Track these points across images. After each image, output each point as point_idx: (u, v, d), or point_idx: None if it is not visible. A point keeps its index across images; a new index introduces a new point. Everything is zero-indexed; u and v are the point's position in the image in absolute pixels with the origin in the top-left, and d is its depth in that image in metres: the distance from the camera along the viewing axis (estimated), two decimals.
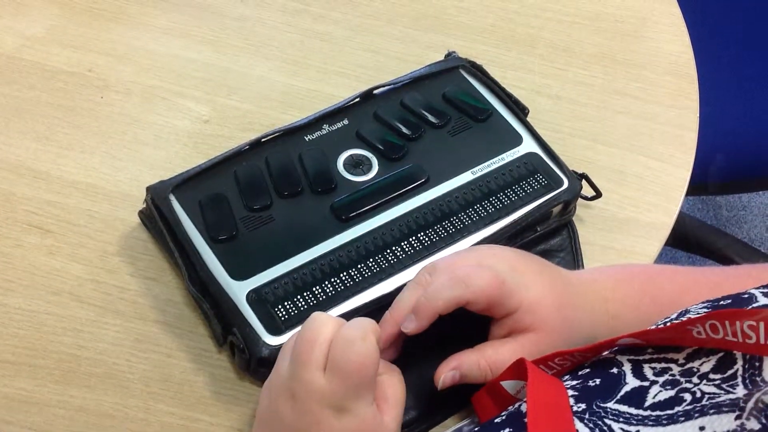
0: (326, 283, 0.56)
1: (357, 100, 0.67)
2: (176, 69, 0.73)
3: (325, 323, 0.47)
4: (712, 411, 0.36)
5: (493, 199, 0.61)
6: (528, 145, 0.65)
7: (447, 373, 0.51)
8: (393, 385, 0.49)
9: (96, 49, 0.74)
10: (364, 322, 0.46)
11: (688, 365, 0.41)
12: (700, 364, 0.40)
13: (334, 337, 0.46)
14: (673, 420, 0.37)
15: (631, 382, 0.41)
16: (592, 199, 0.65)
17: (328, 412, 0.45)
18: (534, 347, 0.50)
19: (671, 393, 0.39)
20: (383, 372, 0.50)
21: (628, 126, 0.72)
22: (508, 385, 0.49)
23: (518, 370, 0.47)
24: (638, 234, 0.65)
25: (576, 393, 0.43)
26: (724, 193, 1.55)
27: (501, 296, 0.50)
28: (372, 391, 0.46)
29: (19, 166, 0.65)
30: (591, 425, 0.39)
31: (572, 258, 0.63)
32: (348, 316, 0.55)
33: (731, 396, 0.36)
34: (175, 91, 0.71)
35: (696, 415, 0.36)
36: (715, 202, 1.64)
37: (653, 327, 0.44)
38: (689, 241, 1.36)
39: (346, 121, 0.65)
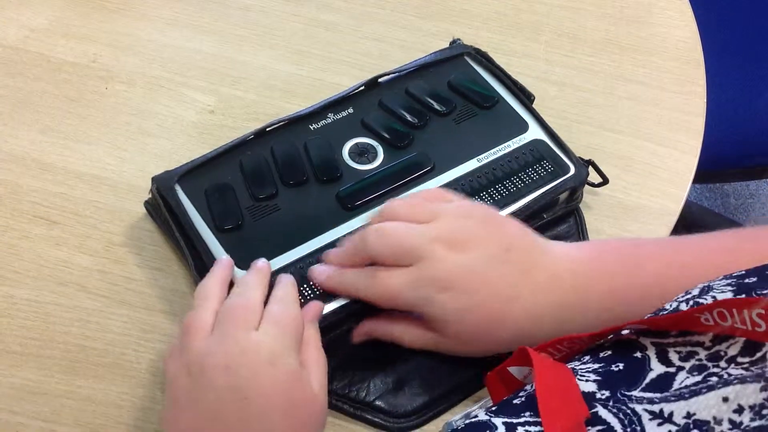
0: None
1: (362, 88, 0.66)
2: (180, 59, 0.73)
3: (253, 288, 0.51)
4: (735, 381, 0.35)
5: (500, 187, 0.61)
6: (534, 132, 0.64)
7: (358, 336, 0.56)
8: (308, 351, 0.51)
9: (100, 40, 0.74)
10: (292, 293, 0.52)
11: (715, 348, 0.40)
12: (728, 347, 0.39)
13: (272, 301, 0.51)
14: (695, 393, 0.37)
15: (657, 368, 0.41)
16: (599, 185, 0.65)
17: (265, 361, 0.47)
18: (434, 346, 0.53)
19: (698, 378, 0.38)
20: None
21: (634, 112, 0.72)
22: (514, 370, 0.49)
23: (522, 357, 0.47)
24: (645, 220, 0.65)
25: (599, 378, 0.42)
26: (732, 180, 1.54)
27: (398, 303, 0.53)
28: (298, 349, 0.49)
29: (25, 157, 0.65)
30: (615, 410, 0.39)
31: None
32: (354, 302, 0.55)
33: (758, 372, 0.36)
34: (179, 81, 0.71)
35: (719, 386, 0.36)
36: (722, 191, 1.64)
37: (668, 310, 0.43)
38: (696, 229, 1.35)
39: (351, 110, 0.65)
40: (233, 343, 0.47)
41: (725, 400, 0.35)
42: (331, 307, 0.54)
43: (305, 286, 0.55)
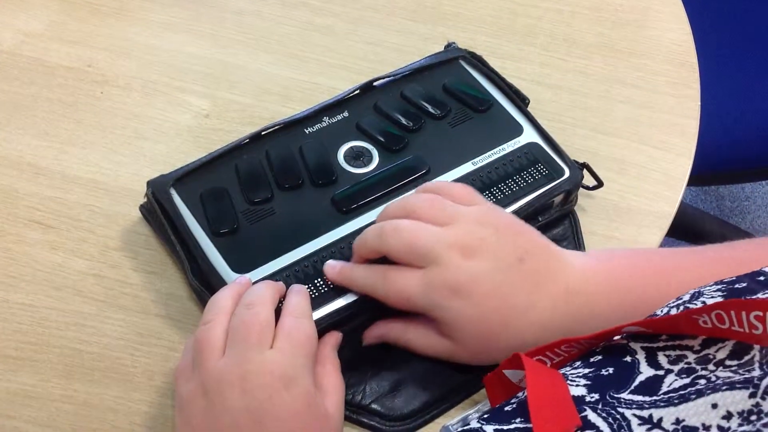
0: None
1: (357, 92, 0.67)
2: (176, 63, 0.73)
3: (263, 301, 0.50)
4: (724, 388, 0.36)
5: (494, 190, 0.61)
6: (529, 135, 0.65)
7: (369, 339, 0.56)
8: (328, 375, 0.51)
9: (95, 44, 0.74)
10: (306, 307, 0.52)
11: (704, 352, 0.40)
12: (716, 351, 0.39)
13: (285, 314, 0.50)
14: (684, 399, 0.37)
15: (646, 372, 0.41)
16: (594, 188, 0.65)
17: (279, 383, 0.46)
18: (447, 354, 0.53)
19: (686, 380, 0.39)
20: (318, 362, 0.51)
21: (629, 115, 0.72)
22: (510, 373, 0.49)
23: (516, 362, 0.47)
24: (640, 223, 0.65)
25: (589, 382, 0.42)
26: (727, 183, 1.55)
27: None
28: (312, 368, 0.49)
29: (20, 162, 0.65)
30: (604, 414, 0.39)
31: (574, 248, 0.63)
32: (349, 308, 0.55)
33: (746, 376, 0.36)
34: (174, 85, 0.71)
35: (708, 392, 0.36)
36: (717, 193, 1.64)
37: (660, 315, 0.44)
38: (692, 231, 1.36)
39: (346, 114, 0.65)
40: (248, 364, 0.47)
41: (714, 406, 0.35)
42: (328, 309, 0.55)
43: (308, 285, 0.55)
